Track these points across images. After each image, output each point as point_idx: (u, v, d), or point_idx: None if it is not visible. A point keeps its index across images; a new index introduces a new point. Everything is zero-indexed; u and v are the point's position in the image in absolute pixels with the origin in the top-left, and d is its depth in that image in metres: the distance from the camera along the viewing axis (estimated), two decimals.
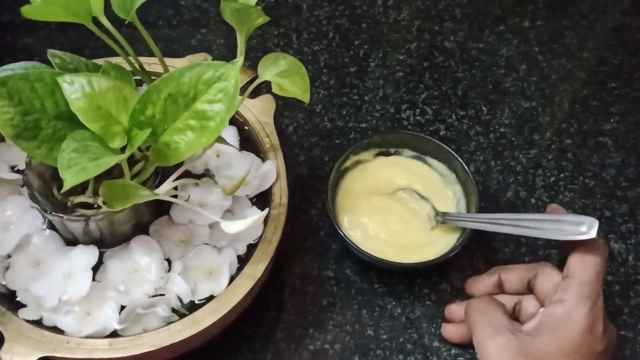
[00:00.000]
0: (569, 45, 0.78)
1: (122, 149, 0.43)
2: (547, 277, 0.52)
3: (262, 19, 0.44)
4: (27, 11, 0.37)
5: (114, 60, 0.52)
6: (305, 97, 0.49)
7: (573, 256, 0.50)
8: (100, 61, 0.50)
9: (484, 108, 0.72)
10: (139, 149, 0.47)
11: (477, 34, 0.78)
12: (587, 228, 0.50)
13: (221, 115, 0.41)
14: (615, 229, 0.64)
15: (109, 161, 0.38)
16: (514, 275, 0.54)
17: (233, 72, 0.41)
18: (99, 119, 0.40)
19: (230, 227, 0.44)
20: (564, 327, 0.47)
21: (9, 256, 0.50)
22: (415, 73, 0.75)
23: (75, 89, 0.40)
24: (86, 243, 0.50)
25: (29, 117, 0.41)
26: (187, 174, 0.55)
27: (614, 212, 0.65)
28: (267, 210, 0.46)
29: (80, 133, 0.40)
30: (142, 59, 0.58)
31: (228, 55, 0.75)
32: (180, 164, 0.47)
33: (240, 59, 0.41)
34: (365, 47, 0.77)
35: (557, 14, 0.81)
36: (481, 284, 0.56)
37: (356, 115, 0.71)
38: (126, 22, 0.45)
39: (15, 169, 0.54)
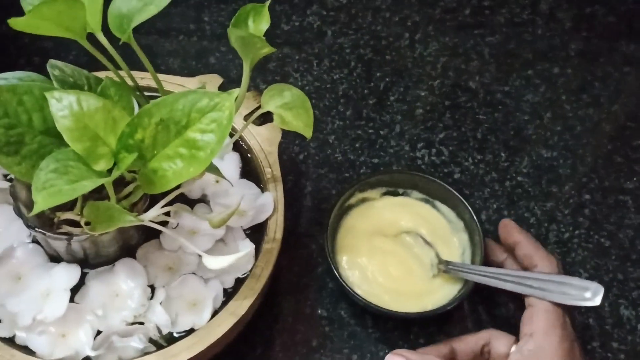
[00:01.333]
0: (597, 96, 0.75)
1: (110, 171, 0.41)
2: (501, 342, 0.50)
3: (267, 50, 0.42)
4: (15, 23, 0.36)
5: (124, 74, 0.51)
6: (307, 133, 0.47)
7: None
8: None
9: (502, 154, 0.69)
10: (131, 170, 0.45)
11: (503, 77, 0.76)
12: (592, 294, 0.48)
13: (212, 146, 0.39)
14: (627, 294, 0.61)
15: (87, 185, 0.37)
16: (465, 346, 0.51)
17: (228, 103, 0.39)
18: (85, 139, 0.39)
19: (212, 262, 0.42)
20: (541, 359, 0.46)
21: None
22: (435, 111, 0.72)
23: (63, 106, 0.38)
24: (69, 261, 0.49)
25: (12, 131, 0.39)
26: (183, 199, 0.53)
27: (627, 275, 0.62)
28: (249, 249, 0.44)
29: (63, 152, 0.38)
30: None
31: None
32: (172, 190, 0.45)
33: (236, 91, 0.39)
34: (387, 79, 0.74)
35: (589, 63, 0.78)
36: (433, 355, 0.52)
37: (369, 150, 0.68)
38: (120, 43, 0.43)
39: (8, 177, 0.53)
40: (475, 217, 0.57)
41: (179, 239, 0.45)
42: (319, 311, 0.58)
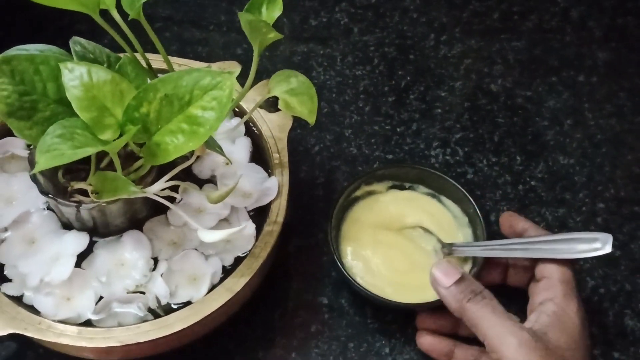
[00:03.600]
0: (622, 106, 0.74)
1: None
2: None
3: (273, 35, 0.44)
4: None
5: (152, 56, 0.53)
6: (311, 119, 0.48)
7: (542, 260, 0.51)
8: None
9: (518, 158, 0.70)
10: (139, 145, 0.47)
11: (526, 82, 0.76)
12: (601, 244, 0.49)
13: (211, 122, 0.41)
14: (633, 305, 0.60)
15: (89, 151, 0.39)
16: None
17: (229, 82, 0.41)
18: (93, 109, 0.41)
19: (206, 235, 0.44)
20: (565, 322, 0.47)
21: (6, 230, 0.52)
22: (453, 112, 0.73)
23: (74, 76, 0.41)
24: (80, 230, 0.51)
25: (26, 97, 0.42)
26: (194, 178, 0.55)
27: (636, 287, 0.61)
28: (241, 227, 0.46)
29: (71, 120, 0.41)
30: (173, 59, 0.59)
31: (270, 67, 0.75)
32: (174, 165, 0.47)
33: (237, 71, 0.41)
34: (408, 78, 0.75)
35: (616, 73, 0.77)
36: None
37: (384, 146, 0.69)
38: (129, 19, 0.45)
39: (32, 146, 0.56)
40: (478, 211, 0.57)
41: (180, 214, 0.47)
42: (320, 299, 0.59)
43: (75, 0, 0.41)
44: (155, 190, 0.46)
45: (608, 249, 0.49)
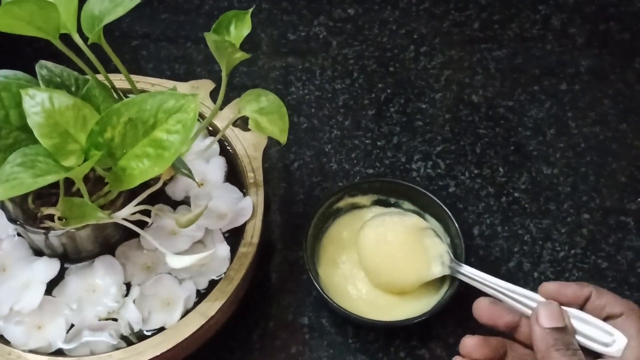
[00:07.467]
0: (605, 114, 0.74)
1: None
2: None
3: (240, 55, 0.43)
4: None
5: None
6: (282, 138, 0.48)
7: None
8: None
9: (500, 169, 0.69)
10: (107, 169, 0.46)
11: (508, 91, 0.75)
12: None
13: (176, 145, 0.40)
14: None
15: (50, 179, 0.38)
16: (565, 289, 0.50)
17: (193, 105, 0.40)
18: (55, 135, 0.40)
19: (174, 261, 0.43)
20: None
21: None
22: (434, 124, 0.72)
23: (36, 103, 0.40)
24: (51, 256, 0.50)
25: None
26: (167, 200, 0.54)
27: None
28: (211, 251, 0.45)
29: (34, 147, 0.40)
30: (146, 79, 0.58)
31: (248, 83, 0.75)
32: (145, 188, 0.46)
33: (200, 94, 0.40)
34: (388, 91, 0.74)
35: (599, 80, 0.77)
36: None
37: (365, 160, 0.69)
38: (88, 43, 0.44)
39: None
40: (459, 232, 0.56)
41: (147, 238, 0.46)
42: (301, 319, 0.58)
43: (33, 27, 0.40)
44: (124, 215, 0.45)
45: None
